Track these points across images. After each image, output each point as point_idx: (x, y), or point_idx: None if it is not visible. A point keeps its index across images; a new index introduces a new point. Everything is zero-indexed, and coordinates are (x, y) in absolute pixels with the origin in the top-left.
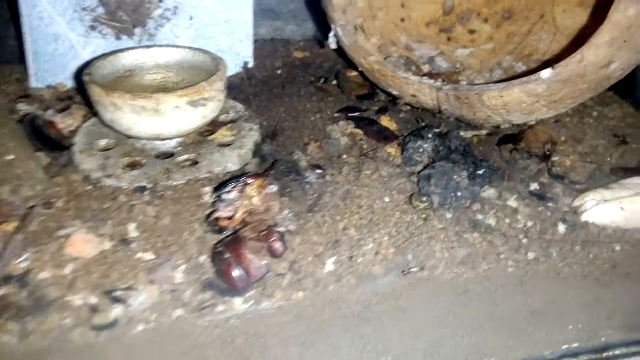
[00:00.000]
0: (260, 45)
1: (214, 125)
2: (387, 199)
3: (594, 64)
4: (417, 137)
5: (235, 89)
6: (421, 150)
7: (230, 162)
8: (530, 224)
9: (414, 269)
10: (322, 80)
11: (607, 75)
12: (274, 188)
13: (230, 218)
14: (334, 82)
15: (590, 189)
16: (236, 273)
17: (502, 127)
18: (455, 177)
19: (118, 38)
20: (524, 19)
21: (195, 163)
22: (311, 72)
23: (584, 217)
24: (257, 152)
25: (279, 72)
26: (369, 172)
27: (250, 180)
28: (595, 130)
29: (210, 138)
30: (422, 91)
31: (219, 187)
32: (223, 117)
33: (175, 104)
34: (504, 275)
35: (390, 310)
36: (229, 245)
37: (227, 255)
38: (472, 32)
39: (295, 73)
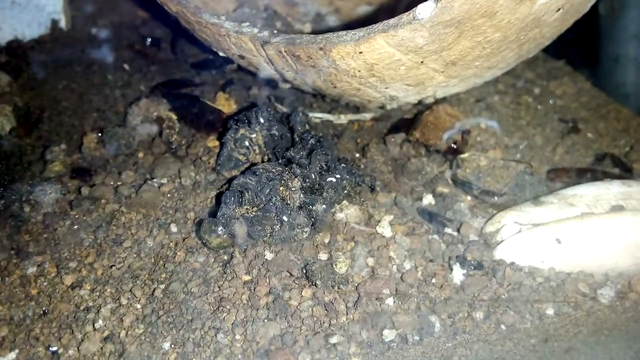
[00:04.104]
0: (95, 1)
1: None
2: (173, 228)
3: None
4: (241, 122)
5: (21, 56)
6: (246, 142)
7: None
8: (407, 266)
9: None
10: (148, 43)
11: (534, 15)
12: None
13: None
14: (168, 47)
15: (513, 204)
16: None
17: (389, 107)
18: (281, 189)
19: None
20: None
21: None
22: (144, 33)
23: (498, 253)
24: None
25: (97, 33)
26: (163, 181)
27: None
28: (535, 113)
29: None
30: (244, 47)
31: None
32: None
33: None
34: None
35: None
36: None
37: None
38: None
39: (121, 35)
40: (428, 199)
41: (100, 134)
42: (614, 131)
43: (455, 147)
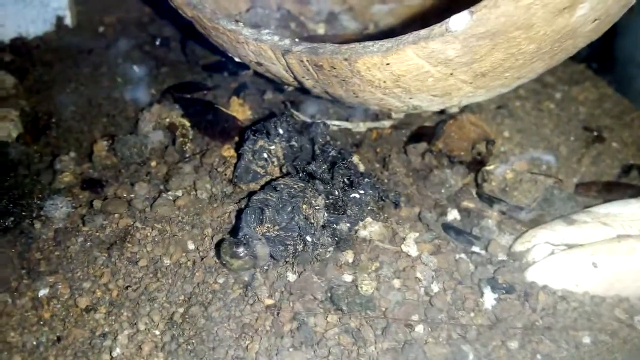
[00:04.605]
0: None
1: None
2: (190, 245)
3: (546, 3)
4: (259, 132)
5: (25, 55)
6: (265, 154)
7: None
8: (436, 288)
9: None
10: (158, 43)
11: (571, 27)
12: None
13: None
14: (178, 47)
15: (543, 222)
16: None
17: (411, 114)
18: (304, 207)
19: None
20: None
21: None
22: (153, 32)
23: (530, 275)
24: None
25: (104, 30)
26: (178, 193)
27: None
28: (558, 121)
29: None
30: (263, 55)
31: None
32: None
33: None
34: None
35: None
36: None
37: None
38: None
39: (129, 33)
40: (453, 214)
41: (110, 142)
42: (639, 140)
43: (479, 158)
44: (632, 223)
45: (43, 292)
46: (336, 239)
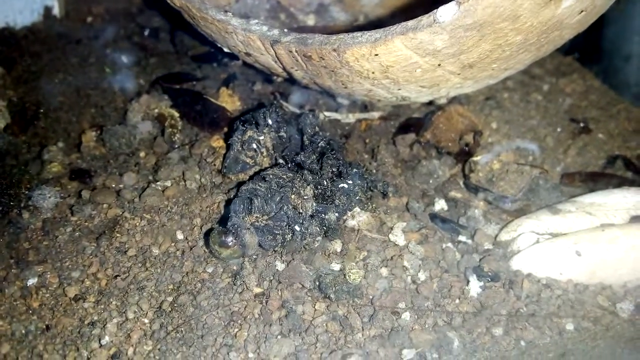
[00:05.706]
0: None
1: None
2: (179, 235)
3: None
4: (248, 123)
5: (13, 46)
6: (254, 145)
7: None
8: (422, 276)
9: None
10: (146, 33)
11: (557, 18)
12: None
13: None
14: (167, 37)
15: (528, 211)
16: None
17: (400, 105)
18: (292, 197)
19: None
20: None
21: None
22: (142, 22)
23: (515, 263)
24: None
25: (92, 21)
26: (167, 184)
27: None
28: (545, 112)
29: None
30: (252, 45)
31: None
32: None
33: None
34: None
35: None
36: None
37: None
38: None
39: (117, 23)
40: (440, 204)
41: (99, 132)
42: (625, 132)
43: (467, 149)
44: (616, 212)
45: (32, 282)
46: (324, 228)
